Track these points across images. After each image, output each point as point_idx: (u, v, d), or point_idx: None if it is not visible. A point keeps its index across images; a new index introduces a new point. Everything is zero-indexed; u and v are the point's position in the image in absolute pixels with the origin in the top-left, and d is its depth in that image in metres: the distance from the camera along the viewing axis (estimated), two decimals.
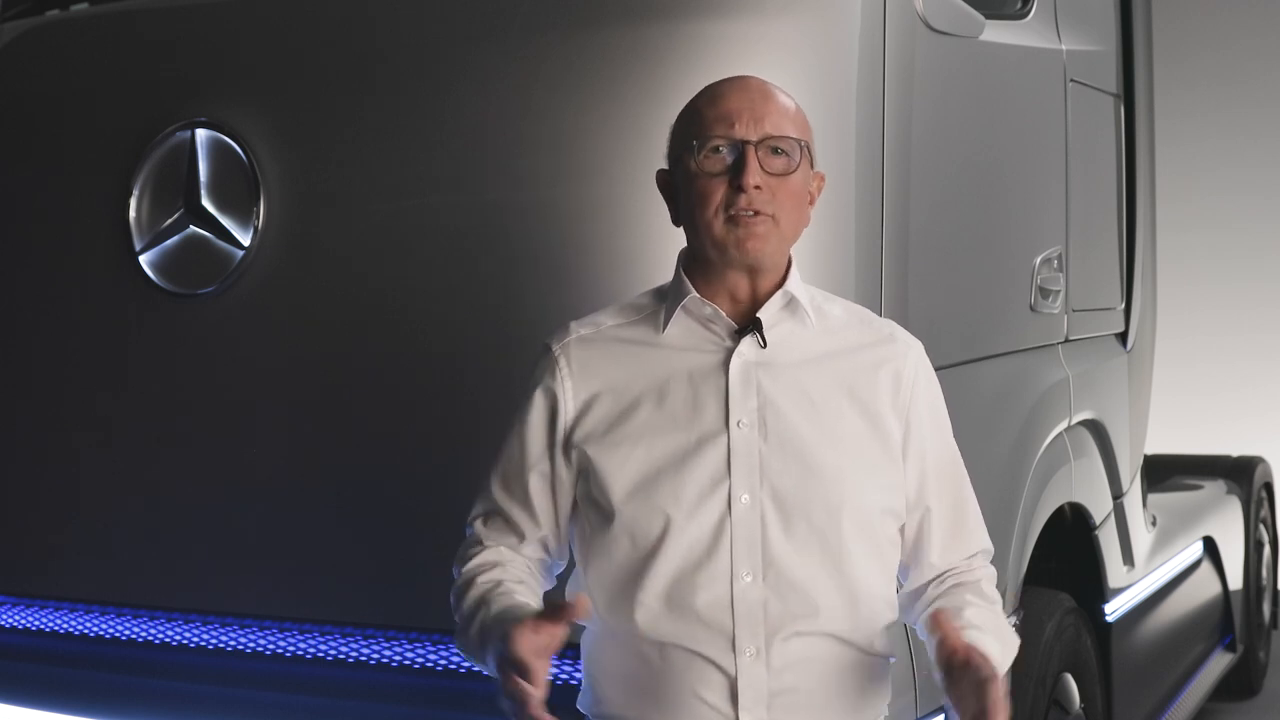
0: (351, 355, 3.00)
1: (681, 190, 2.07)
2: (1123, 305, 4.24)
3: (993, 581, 2.19)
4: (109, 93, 3.33)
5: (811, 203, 2.10)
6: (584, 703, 2.12)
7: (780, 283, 2.07)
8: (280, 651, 3.05)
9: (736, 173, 2.00)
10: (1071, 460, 3.56)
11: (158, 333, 3.21)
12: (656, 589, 2.00)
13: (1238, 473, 6.29)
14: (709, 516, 2.00)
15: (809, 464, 2.01)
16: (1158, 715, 4.62)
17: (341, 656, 2.98)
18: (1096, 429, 3.86)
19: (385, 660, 2.93)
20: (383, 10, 3.07)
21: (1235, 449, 6.59)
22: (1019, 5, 3.42)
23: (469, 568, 2.13)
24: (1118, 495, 4.05)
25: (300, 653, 3.03)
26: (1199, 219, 8.22)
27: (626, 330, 2.12)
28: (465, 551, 2.18)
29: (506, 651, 1.85)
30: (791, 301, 2.08)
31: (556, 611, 1.88)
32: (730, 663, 1.98)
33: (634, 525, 2.02)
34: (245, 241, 3.07)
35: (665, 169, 2.13)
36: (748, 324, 2.05)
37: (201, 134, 3.14)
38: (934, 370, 2.19)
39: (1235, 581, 5.83)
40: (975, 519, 2.20)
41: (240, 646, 3.09)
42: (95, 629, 3.28)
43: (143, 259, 3.19)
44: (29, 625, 3.37)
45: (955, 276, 3.07)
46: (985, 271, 3.25)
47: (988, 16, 3.12)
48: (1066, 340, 3.64)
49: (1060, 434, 3.49)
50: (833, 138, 2.58)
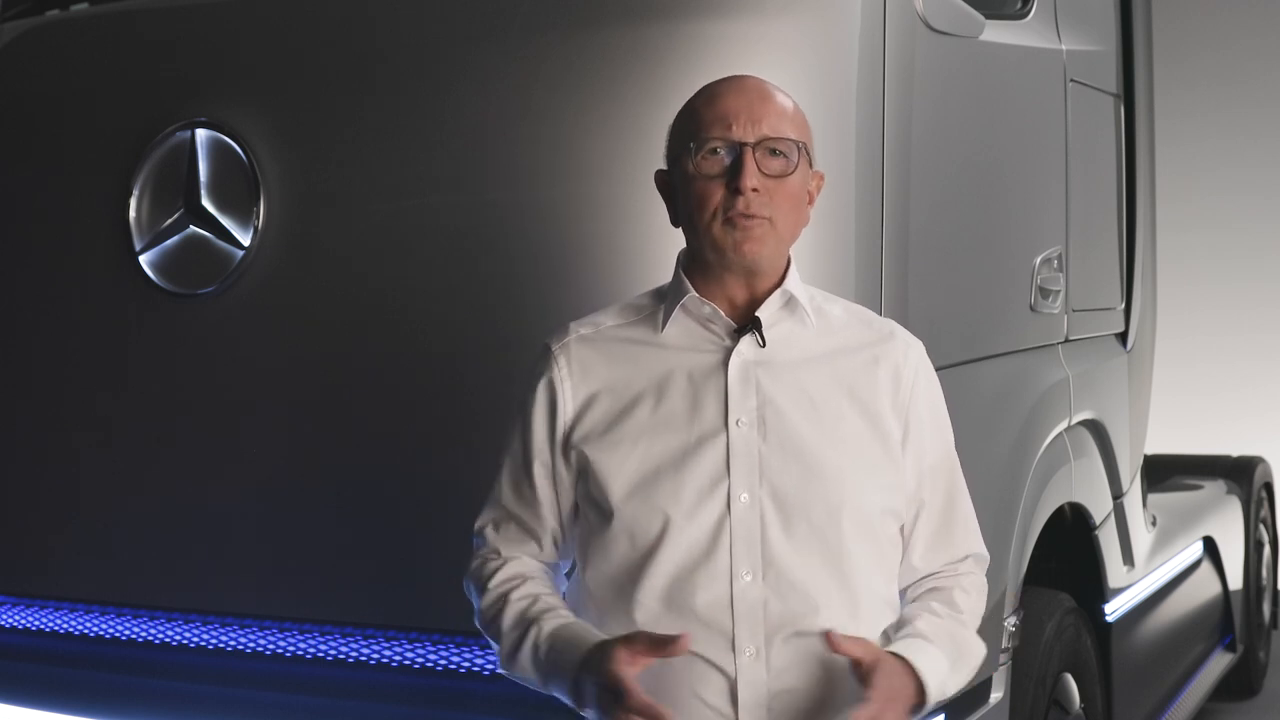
0: (351, 355, 3.00)
1: (679, 192, 2.07)
2: (1123, 305, 4.24)
3: (977, 590, 2.16)
4: (109, 93, 3.33)
5: (810, 202, 2.10)
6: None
7: (779, 282, 2.07)
8: (280, 651, 3.05)
9: (734, 175, 2.00)
10: (1071, 460, 3.56)
11: (158, 333, 3.21)
12: (656, 589, 2.00)
13: (1238, 473, 6.29)
14: (708, 516, 2.00)
15: (809, 463, 2.01)
16: (1158, 715, 4.62)
17: (341, 656, 2.98)
18: (1096, 429, 3.86)
19: (385, 660, 2.93)
20: (383, 10, 3.07)
21: (1235, 449, 6.59)
22: (1019, 5, 3.42)
23: (497, 582, 2.11)
24: (1118, 495, 4.05)
25: (300, 653, 3.03)
26: (1199, 219, 8.22)
27: (626, 330, 2.12)
28: (484, 565, 2.15)
29: (609, 681, 1.89)
30: (790, 301, 2.07)
31: (656, 643, 1.91)
32: (730, 663, 1.97)
33: (633, 525, 2.01)
34: (245, 241, 3.07)
35: (664, 169, 2.13)
36: (747, 323, 2.05)
37: (201, 134, 3.14)
38: (935, 372, 2.19)
39: (1235, 581, 5.83)
40: (965, 525, 2.18)
41: (240, 646, 3.09)
42: (95, 629, 3.27)
43: (143, 259, 3.19)
44: (29, 625, 3.37)
45: (955, 276, 3.07)
46: (985, 271, 3.24)
47: (988, 16, 3.12)
48: (1066, 340, 3.64)
49: (1060, 434, 3.48)
50: (833, 138, 2.58)
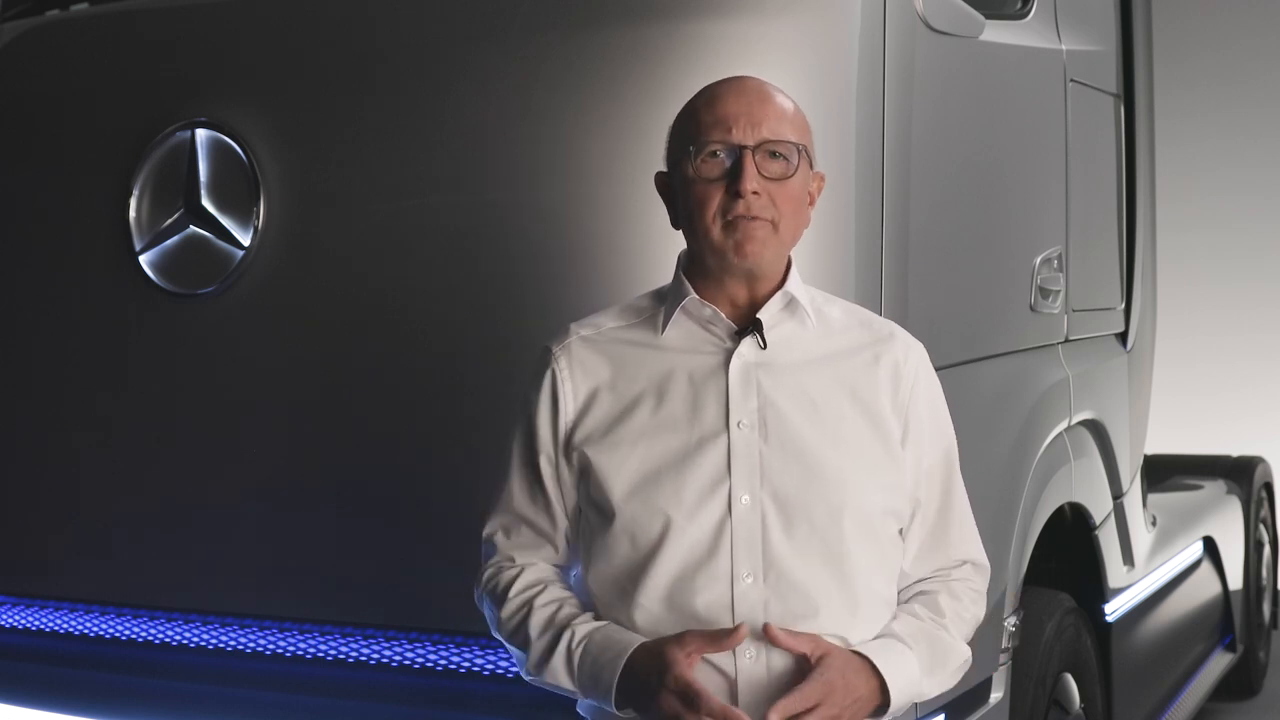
0: (351, 355, 3.00)
1: (679, 194, 2.06)
2: (1123, 305, 4.24)
3: (970, 596, 2.14)
4: (109, 93, 3.33)
5: (811, 204, 2.10)
6: (585, 706, 2.11)
7: (780, 284, 2.07)
8: (280, 651, 3.05)
9: (733, 178, 1.99)
10: (1071, 460, 3.56)
11: (158, 333, 3.21)
12: (656, 590, 2.00)
13: (1238, 473, 6.29)
14: (709, 517, 1.99)
15: (810, 465, 2.01)
16: (1158, 715, 4.62)
17: (341, 656, 2.98)
18: (1096, 429, 3.86)
19: (385, 660, 2.93)
20: (383, 10, 3.07)
21: (1235, 449, 6.59)
22: (1019, 5, 3.42)
23: (517, 589, 2.10)
24: (1118, 495, 4.05)
25: (300, 653, 3.03)
26: (1199, 219, 8.22)
27: (626, 332, 2.12)
28: (500, 573, 2.14)
29: (679, 685, 1.89)
30: (791, 302, 2.07)
31: (711, 639, 1.92)
32: (730, 664, 1.97)
33: (634, 526, 2.01)
34: (245, 241, 3.07)
35: (664, 171, 2.12)
36: (748, 325, 2.05)
37: (201, 134, 3.14)
38: (937, 377, 2.18)
39: (1235, 581, 5.83)
40: (961, 531, 2.16)
41: (240, 646, 3.09)
42: (95, 629, 3.28)
43: (143, 259, 3.19)
44: (29, 625, 3.37)
45: (955, 276, 3.07)
46: (985, 271, 3.24)
47: (988, 16, 3.12)
48: (1066, 340, 3.64)
49: (1060, 434, 3.48)
50: (833, 138, 2.58)
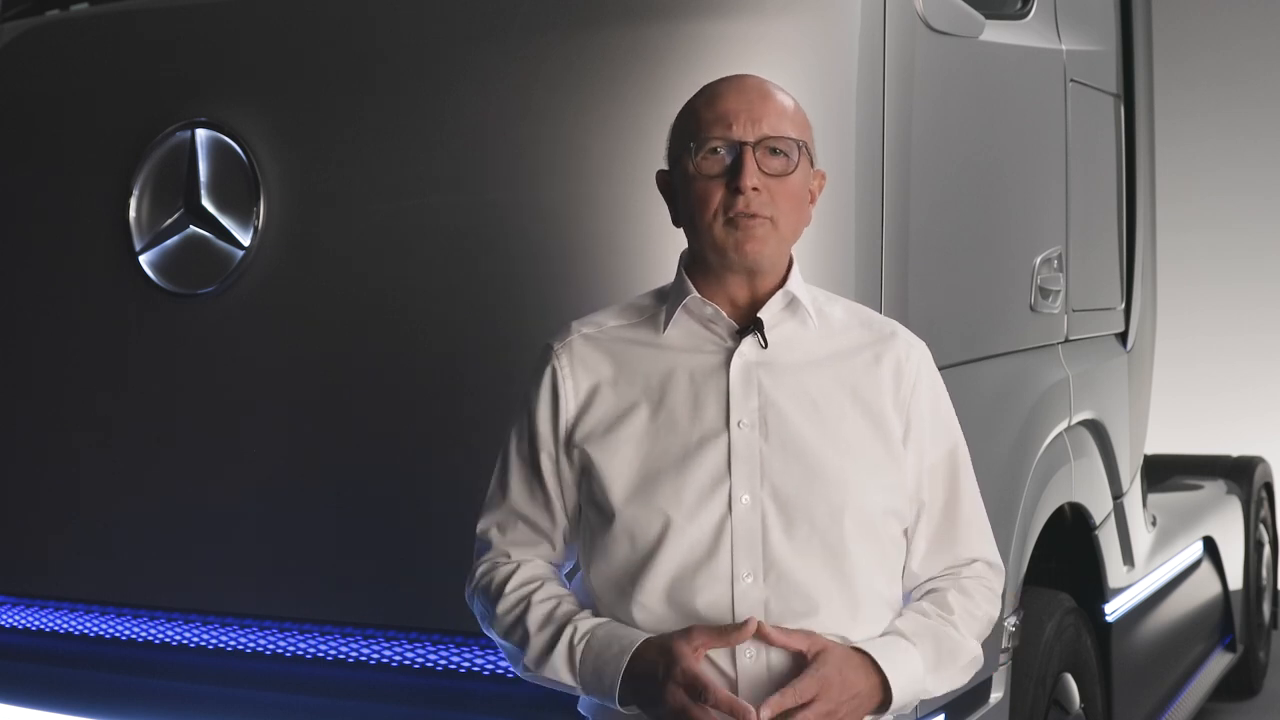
0: (351, 355, 3.00)
1: (680, 192, 2.06)
2: (1123, 305, 4.24)
3: (982, 594, 2.13)
4: (109, 93, 3.33)
5: (812, 201, 2.10)
6: (585, 703, 2.11)
7: (781, 283, 2.07)
8: (280, 651, 3.05)
9: (734, 175, 1.99)
10: (1071, 460, 3.56)
11: (158, 333, 3.21)
12: (657, 589, 2.00)
13: (1238, 473, 6.29)
14: (709, 517, 1.99)
15: (810, 465, 2.01)
16: (1158, 715, 4.62)
17: (341, 656, 2.98)
18: (1096, 429, 3.86)
19: (385, 660, 2.93)
20: (383, 10, 3.07)
21: (1235, 449, 6.59)
22: (1019, 5, 3.42)
23: (514, 585, 2.09)
24: (1118, 495, 4.05)
25: (300, 653, 3.03)
26: (1199, 219, 8.22)
27: (628, 330, 2.12)
28: (495, 569, 2.13)
29: (687, 679, 1.89)
30: (793, 302, 2.07)
31: (720, 633, 1.92)
32: (730, 664, 1.97)
33: (634, 526, 2.01)
34: (245, 241, 3.07)
35: (665, 170, 2.12)
36: (749, 324, 2.05)
37: (201, 134, 3.14)
38: (939, 375, 2.18)
39: (1235, 581, 5.83)
40: (970, 529, 2.15)
41: (240, 646, 3.09)
42: (95, 629, 3.27)
43: (143, 259, 3.19)
44: (29, 625, 3.37)
45: (955, 276, 3.07)
46: (985, 271, 3.24)
47: (988, 16, 3.12)
48: (1066, 340, 3.64)
49: (1060, 434, 3.48)
50: (833, 138, 2.58)
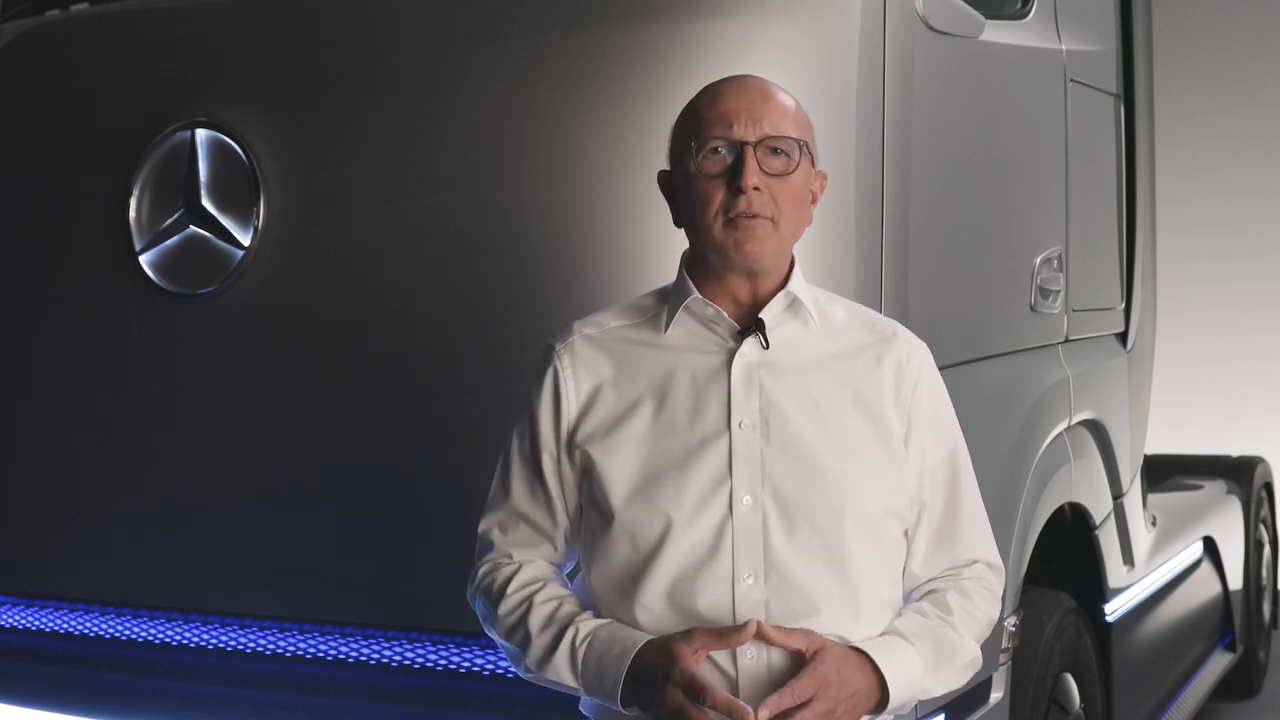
0: (351, 355, 3.00)
1: (681, 191, 2.06)
2: (1123, 305, 4.24)
3: (982, 595, 2.13)
4: (109, 93, 3.33)
5: (814, 202, 2.10)
6: (587, 704, 2.11)
7: (783, 283, 2.07)
8: (280, 651, 3.05)
9: (735, 174, 1.99)
10: (1071, 460, 3.56)
11: (158, 333, 3.21)
12: (658, 590, 1.99)
13: (1238, 473, 6.29)
14: (710, 518, 1.99)
15: (811, 466, 2.01)
16: (1158, 715, 4.62)
17: (341, 656, 2.98)
18: (1096, 429, 3.86)
19: (385, 660, 2.93)
20: (383, 10, 3.07)
21: (1235, 449, 6.59)
22: (1019, 5, 3.42)
23: (516, 586, 2.09)
24: (1118, 495, 4.05)
25: (300, 653, 3.03)
26: (1199, 219, 8.22)
27: (629, 331, 2.12)
28: (496, 570, 2.13)
29: (685, 680, 1.89)
30: (794, 302, 2.07)
31: (720, 635, 1.92)
32: (731, 664, 1.97)
33: (635, 526, 2.01)
34: (245, 241, 3.07)
35: (666, 170, 2.12)
36: (750, 325, 2.05)
37: (201, 134, 3.14)
38: (940, 376, 2.18)
39: (1235, 581, 5.83)
40: (970, 530, 2.15)
41: (240, 646, 3.09)
42: (95, 629, 3.27)
43: (143, 259, 3.19)
44: (29, 625, 3.37)
45: (955, 276, 3.07)
46: (985, 271, 3.24)
47: (988, 16, 3.12)
48: (1066, 340, 3.64)
49: (1060, 434, 3.48)
50: (833, 138, 2.58)
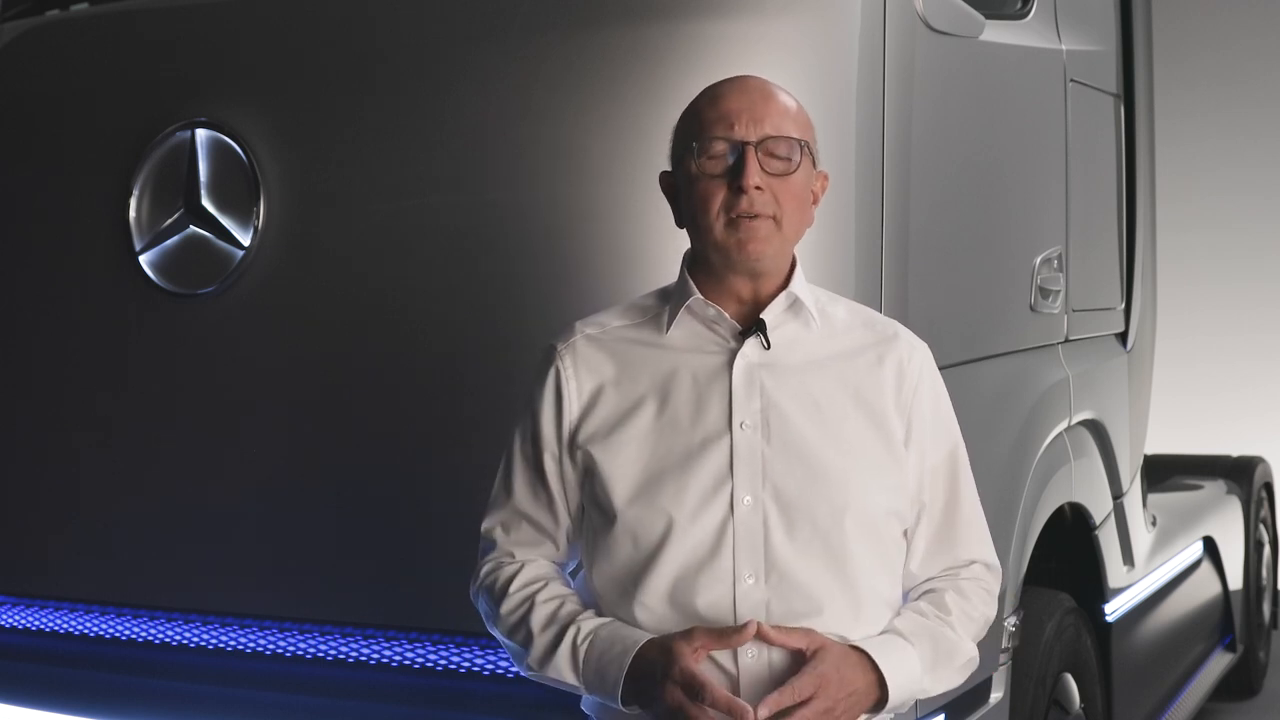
0: (351, 355, 3.00)
1: (683, 192, 2.06)
2: (1123, 305, 4.24)
3: (979, 595, 2.13)
4: (109, 93, 3.33)
5: (815, 202, 2.10)
6: (588, 703, 2.11)
7: (784, 284, 2.07)
8: (280, 651, 3.05)
9: (736, 174, 1.99)
10: (1071, 460, 3.56)
11: (158, 333, 3.21)
12: (659, 590, 2.00)
13: (1238, 473, 6.29)
14: (711, 518, 1.99)
15: (812, 466, 2.01)
16: (1158, 715, 4.62)
17: (341, 656, 2.98)
18: (1096, 429, 3.86)
19: (385, 660, 2.93)
20: (383, 10, 3.07)
21: (1235, 449, 6.59)
22: (1019, 5, 3.42)
23: (518, 585, 2.10)
24: (1118, 495, 4.05)
25: (300, 653, 3.03)
26: (1199, 219, 8.22)
27: (631, 331, 2.12)
28: (499, 569, 2.14)
29: (685, 678, 1.89)
30: (796, 303, 2.07)
31: (720, 635, 1.93)
32: (732, 662, 1.97)
33: (636, 526, 2.01)
34: (245, 241, 3.07)
35: (668, 171, 2.12)
36: (752, 325, 2.05)
37: (201, 134, 3.14)
38: (941, 377, 2.18)
39: (1235, 581, 5.83)
40: (969, 531, 2.16)
41: (240, 646, 3.09)
42: (95, 629, 3.27)
43: (143, 259, 3.19)
44: (29, 625, 3.37)
45: (955, 276, 3.07)
46: (985, 271, 3.24)
47: (988, 16, 3.12)
48: (1066, 340, 3.64)
49: (1060, 434, 3.48)
50: (833, 138, 2.58)
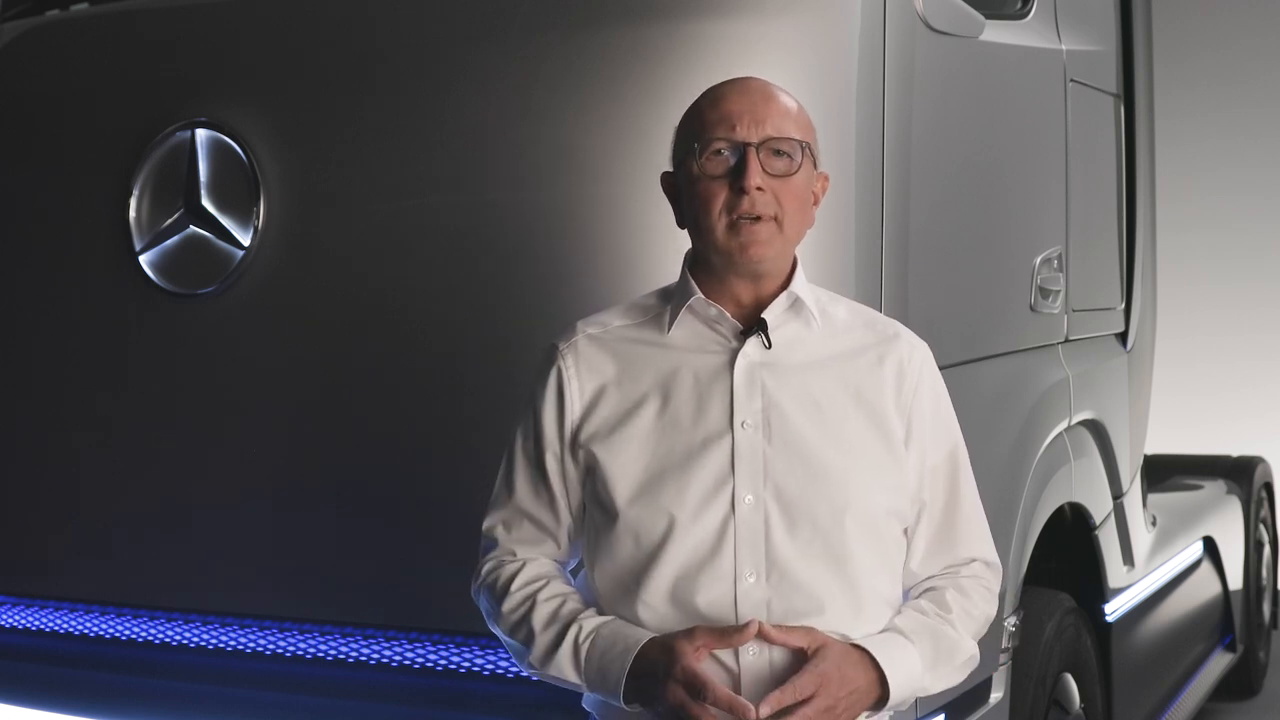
0: (351, 355, 3.00)
1: (684, 193, 2.07)
2: (1123, 305, 4.24)
3: (979, 593, 2.14)
4: (109, 93, 3.33)
5: (816, 203, 2.10)
6: (589, 700, 2.11)
7: (786, 283, 2.08)
8: (280, 651, 3.05)
9: (738, 175, 2.00)
10: (1071, 460, 3.56)
11: (158, 333, 3.21)
12: (660, 588, 2.00)
13: (1238, 473, 6.29)
14: (713, 517, 2.00)
15: (813, 466, 2.01)
16: (1158, 715, 4.62)
17: (341, 656, 2.98)
18: (1096, 429, 3.86)
19: (385, 660, 2.93)
20: (383, 10, 3.07)
21: (1235, 449, 6.59)
22: (1019, 5, 3.42)
23: (520, 583, 2.10)
24: (1118, 495, 4.05)
25: (300, 653, 3.03)
26: (1199, 219, 8.22)
27: (632, 330, 2.12)
28: (500, 567, 2.14)
29: (686, 677, 1.90)
30: (796, 302, 2.07)
31: (722, 635, 1.93)
32: (734, 660, 1.97)
33: (638, 525, 2.02)
34: (245, 241, 3.07)
35: (669, 171, 2.13)
36: (753, 325, 2.05)
37: (201, 134, 3.14)
38: (941, 376, 2.18)
39: (1235, 581, 5.83)
40: (969, 529, 2.16)
41: (240, 646, 3.09)
42: (95, 629, 3.27)
43: (143, 259, 3.19)
44: (29, 625, 3.37)
45: (955, 276, 3.07)
46: (985, 271, 3.25)
47: (988, 16, 3.12)
48: (1066, 340, 3.64)
49: (1060, 434, 3.48)
50: (833, 138, 2.58)
